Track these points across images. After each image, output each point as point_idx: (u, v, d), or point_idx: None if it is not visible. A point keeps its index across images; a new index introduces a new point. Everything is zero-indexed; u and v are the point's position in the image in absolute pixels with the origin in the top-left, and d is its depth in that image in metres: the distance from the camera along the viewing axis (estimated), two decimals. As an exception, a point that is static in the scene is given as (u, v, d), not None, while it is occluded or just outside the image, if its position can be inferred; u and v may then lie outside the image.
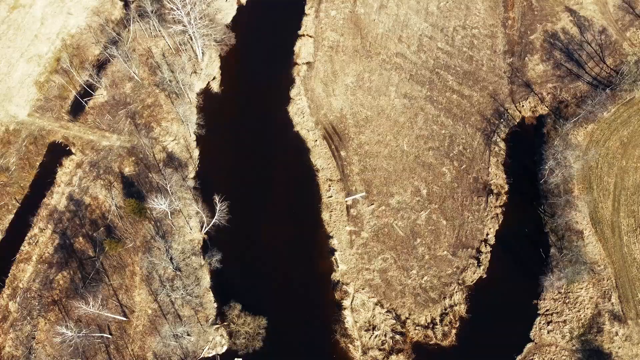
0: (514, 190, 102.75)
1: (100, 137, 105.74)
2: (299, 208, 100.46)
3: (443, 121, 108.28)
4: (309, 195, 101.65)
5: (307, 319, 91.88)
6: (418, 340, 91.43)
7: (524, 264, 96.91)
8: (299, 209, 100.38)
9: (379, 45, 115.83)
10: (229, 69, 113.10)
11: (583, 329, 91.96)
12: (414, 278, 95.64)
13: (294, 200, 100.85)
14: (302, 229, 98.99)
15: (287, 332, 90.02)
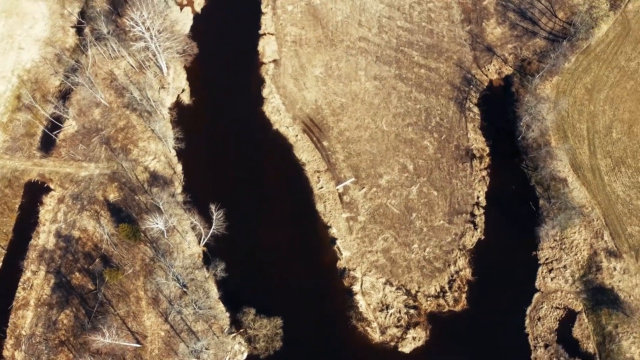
0: (495, 151, 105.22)
1: (78, 168, 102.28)
2: (293, 204, 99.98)
3: (416, 96, 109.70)
4: (300, 190, 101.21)
5: (321, 311, 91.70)
6: (432, 310, 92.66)
7: (518, 219, 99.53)
8: (292, 205, 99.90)
9: (341, 32, 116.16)
10: (196, 78, 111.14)
11: (583, 271, 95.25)
12: (417, 252, 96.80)
13: (287, 197, 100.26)
14: (299, 224, 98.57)
15: (304, 328, 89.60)
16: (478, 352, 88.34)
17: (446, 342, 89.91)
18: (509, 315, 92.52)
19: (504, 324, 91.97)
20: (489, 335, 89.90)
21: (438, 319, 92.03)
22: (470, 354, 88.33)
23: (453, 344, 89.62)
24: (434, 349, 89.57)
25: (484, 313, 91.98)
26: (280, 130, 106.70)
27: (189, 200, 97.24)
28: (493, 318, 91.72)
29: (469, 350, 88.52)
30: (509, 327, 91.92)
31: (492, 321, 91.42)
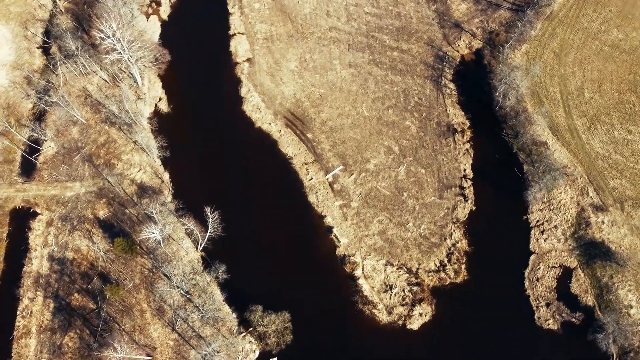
0: (475, 123, 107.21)
1: (63, 189, 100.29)
2: (285, 198, 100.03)
3: (392, 79, 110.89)
4: (290, 184, 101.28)
5: (327, 299, 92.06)
6: (434, 285, 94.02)
7: (505, 187, 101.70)
8: (285, 199, 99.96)
9: (310, 24, 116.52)
10: (172, 86, 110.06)
11: (573, 228, 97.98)
12: (412, 230, 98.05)
13: (278, 192, 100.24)
14: (294, 218, 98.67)
15: (312, 318, 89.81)
16: (484, 319, 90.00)
17: (452, 313, 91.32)
18: (508, 280, 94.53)
19: (505, 289, 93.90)
20: (492, 302, 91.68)
21: (441, 293, 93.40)
22: (477, 321, 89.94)
23: (459, 315, 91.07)
24: (441, 322, 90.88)
25: (484, 281, 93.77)
26: (263, 127, 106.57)
27: (181, 206, 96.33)
28: (494, 284, 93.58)
29: (475, 319, 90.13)
30: (510, 291, 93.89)
31: (494, 287, 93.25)
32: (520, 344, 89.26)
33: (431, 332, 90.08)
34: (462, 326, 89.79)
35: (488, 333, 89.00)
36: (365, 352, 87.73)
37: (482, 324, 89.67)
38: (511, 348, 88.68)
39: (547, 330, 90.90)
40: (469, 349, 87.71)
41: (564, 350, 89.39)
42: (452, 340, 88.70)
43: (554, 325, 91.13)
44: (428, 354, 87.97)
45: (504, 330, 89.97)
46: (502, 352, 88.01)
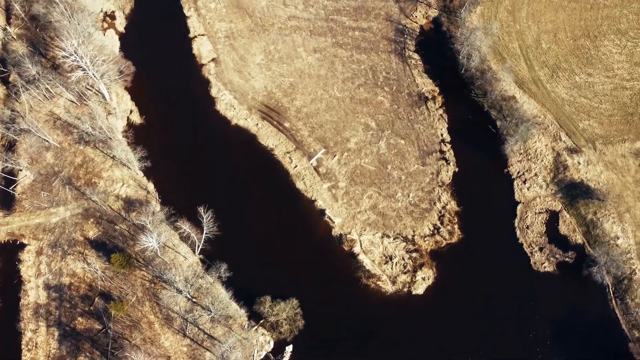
0: (444, 89, 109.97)
1: (47, 216, 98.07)
2: (274, 190, 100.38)
3: (358, 58, 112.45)
4: (276, 175, 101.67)
5: (331, 280, 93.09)
6: (432, 248, 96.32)
7: (483, 144, 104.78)
8: (273, 190, 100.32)
9: (269, 16, 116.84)
10: (141, 96, 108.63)
11: (553, 173, 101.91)
12: (402, 200, 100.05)
13: (266, 184, 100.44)
14: (286, 207, 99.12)
15: (320, 301, 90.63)
16: (484, 272, 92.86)
17: (453, 272, 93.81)
18: (500, 232, 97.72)
19: (498, 241, 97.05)
20: (489, 255, 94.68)
21: (440, 255, 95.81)
22: (478, 276, 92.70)
23: (460, 272, 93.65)
24: (444, 282, 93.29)
25: (478, 236, 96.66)
26: (240, 123, 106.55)
27: (172, 213, 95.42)
28: (487, 238, 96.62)
29: (476, 274, 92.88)
30: (504, 242, 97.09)
31: (488, 241, 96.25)
32: (521, 290, 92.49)
33: (437, 294, 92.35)
34: (465, 283, 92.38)
35: (490, 285, 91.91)
36: (378, 324, 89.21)
37: (483, 277, 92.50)
38: (514, 295, 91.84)
39: (545, 273, 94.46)
40: (475, 304, 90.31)
41: (563, 289, 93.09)
42: (458, 298, 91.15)
43: (550, 268, 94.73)
44: (437, 315, 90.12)
45: (505, 280, 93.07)
46: (506, 301, 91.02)
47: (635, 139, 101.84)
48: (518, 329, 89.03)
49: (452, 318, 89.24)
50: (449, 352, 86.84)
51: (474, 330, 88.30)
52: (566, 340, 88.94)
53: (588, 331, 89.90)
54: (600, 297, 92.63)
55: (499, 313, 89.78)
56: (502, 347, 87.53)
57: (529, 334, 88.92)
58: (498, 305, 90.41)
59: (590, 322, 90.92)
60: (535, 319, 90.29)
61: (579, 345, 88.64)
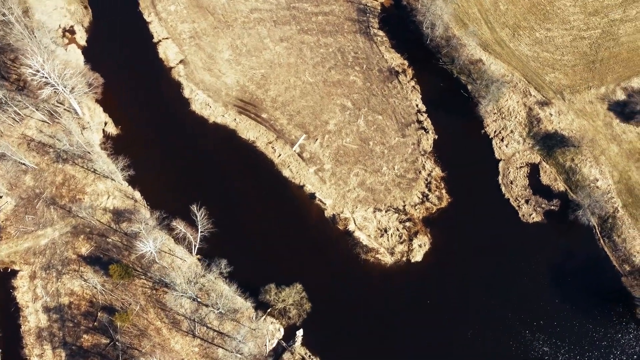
0: (413, 61, 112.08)
1: (35, 239, 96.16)
2: (261, 181, 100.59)
3: (324, 42, 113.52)
4: (262, 166, 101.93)
5: (331, 260, 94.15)
6: (424, 215, 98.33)
7: (457, 109, 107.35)
8: (261, 182, 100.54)
9: (231, 12, 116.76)
10: (113, 107, 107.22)
11: (527, 128, 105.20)
12: (388, 173, 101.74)
13: (253, 177, 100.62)
14: (276, 196, 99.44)
15: (323, 282, 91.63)
16: (476, 231, 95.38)
17: (448, 235, 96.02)
18: (486, 191, 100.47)
19: (485, 199, 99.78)
20: (478, 214, 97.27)
21: (432, 220, 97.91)
22: (471, 235, 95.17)
23: (454, 235, 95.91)
24: (440, 246, 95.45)
25: (466, 198, 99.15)
26: (218, 120, 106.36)
27: (163, 217, 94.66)
28: (475, 198, 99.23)
29: (469, 234, 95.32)
30: (491, 199, 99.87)
31: (476, 201, 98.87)
32: (514, 242, 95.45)
33: (435, 259, 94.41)
34: (459, 243, 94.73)
35: (484, 242, 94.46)
36: (382, 296, 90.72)
37: (476, 236, 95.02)
38: (508, 249, 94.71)
39: (534, 223, 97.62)
40: (472, 262, 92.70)
41: (553, 236, 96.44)
42: (456, 259, 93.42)
43: (538, 218, 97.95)
44: (438, 278, 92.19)
45: (497, 235, 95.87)
46: (501, 255, 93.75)
47: (600, 84, 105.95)
48: (516, 280, 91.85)
49: (453, 279, 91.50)
50: (454, 311, 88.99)
51: (475, 287, 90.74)
52: (563, 283, 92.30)
53: (582, 272, 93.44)
54: (589, 238, 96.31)
55: (496, 268, 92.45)
56: (503, 300, 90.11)
57: (527, 284, 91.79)
58: (494, 260, 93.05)
59: (583, 263, 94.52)
60: (532, 268, 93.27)
61: (576, 287, 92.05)
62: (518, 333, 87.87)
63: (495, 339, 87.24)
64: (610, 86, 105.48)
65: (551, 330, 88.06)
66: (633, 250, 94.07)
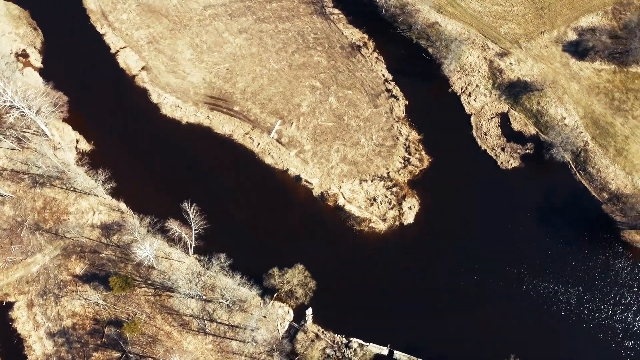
0: (372, 33, 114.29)
1: (25, 267, 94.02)
2: (245, 172, 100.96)
3: (283, 27, 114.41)
4: (243, 157, 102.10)
5: (327, 237, 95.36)
6: (408, 179, 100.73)
7: (423, 73, 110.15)
8: (245, 173, 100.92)
9: (184, 12, 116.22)
10: (82, 123, 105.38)
11: (491, 80, 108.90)
12: (367, 144, 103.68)
13: (236, 169, 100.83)
14: (262, 184, 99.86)
15: (323, 258, 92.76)
16: (461, 185, 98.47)
17: (434, 194, 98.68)
18: (463, 145, 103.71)
19: (464, 154, 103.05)
20: (460, 169, 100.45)
21: (417, 182, 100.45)
22: (456, 190, 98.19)
23: (440, 192, 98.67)
24: (429, 205, 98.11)
25: (446, 155, 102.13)
26: (190, 120, 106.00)
27: (154, 222, 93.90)
28: (454, 154, 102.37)
29: (454, 189, 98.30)
30: (469, 153, 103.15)
31: (455, 157, 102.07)
32: (498, 190, 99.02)
33: (426, 218, 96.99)
34: (447, 199, 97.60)
35: (469, 194, 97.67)
36: (382, 261, 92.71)
37: (461, 189, 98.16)
38: (493, 197, 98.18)
39: (513, 169, 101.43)
40: (461, 215, 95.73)
41: (532, 177, 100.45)
42: (446, 215, 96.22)
43: (516, 163, 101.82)
44: (432, 235, 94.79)
45: (481, 186, 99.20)
46: (487, 204, 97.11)
47: (551, 28, 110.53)
48: (505, 224, 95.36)
49: (446, 234, 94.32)
50: (454, 263, 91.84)
51: (468, 237, 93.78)
52: (549, 220, 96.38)
53: (565, 207, 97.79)
54: (566, 174, 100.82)
55: (484, 216, 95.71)
56: (498, 245, 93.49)
57: (516, 226, 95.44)
58: (482, 210, 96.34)
59: (564, 198, 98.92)
60: (517, 211, 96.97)
61: (562, 222, 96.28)
62: (518, 274, 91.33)
63: (496, 281, 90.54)
64: (562, 29, 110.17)
65: (547, 266, 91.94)
66: (608, 178, 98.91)
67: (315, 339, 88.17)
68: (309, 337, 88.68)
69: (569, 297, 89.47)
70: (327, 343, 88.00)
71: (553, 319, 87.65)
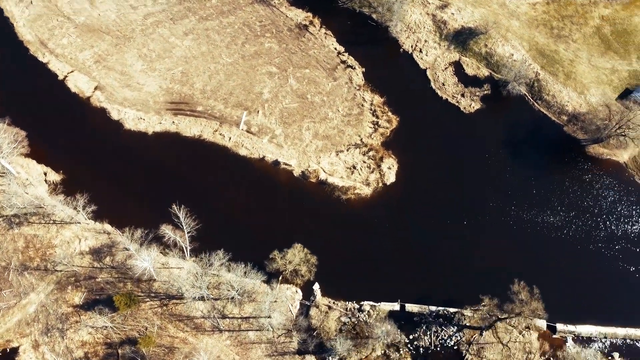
0: (315, 11, 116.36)
1: (22, 309, 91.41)
2: (223, 168, 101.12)
3: (227, 22, 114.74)
4: (217, 155, 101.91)
5: (318, 213, 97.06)
6: (382, 141, 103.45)
7: (372, 39, 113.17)
8: (223, 170, 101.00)
9: (125, 24, 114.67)
10: (47, 155, 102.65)
11: (438, 33, 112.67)
12: (335, 117, 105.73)
13: (213, 168, 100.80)
14: (242, 177, 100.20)
15: (318, 234, 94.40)
16: (431, 137, 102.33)
17: (409, 150, 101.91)
18: (426, 99, 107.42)
19: (428, 106, 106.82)
20: (427, 122, 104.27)
21: (390, 142, 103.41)
22: (429, 142, 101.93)
23: (414, 147, 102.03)
24: (406, 161, 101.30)
25: (411, 112, 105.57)
26: (157, 130, 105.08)
27: (143, 235, 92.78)
28: (419, 109, 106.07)
29: (426, 141, 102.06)
30: (433, 105, 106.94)
31: (421, 111, 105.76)
32: (467, 134, 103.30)
33: (406, 174, 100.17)
34: (421, 152, 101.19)
35: (442, 143, 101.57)
36: (375, 224, 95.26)
37: (433, 140, 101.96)
38: (465, 141, 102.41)
39: (476, 111, 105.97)
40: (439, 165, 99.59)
41: (496, 115, 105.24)
42: (424, 167, 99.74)
43: (477, 105, 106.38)
44: (417, 187, 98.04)
45: (450, 134, 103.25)
46: (461, 149, 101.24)
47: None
48: (480, 163, 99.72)
49: (428, 184, 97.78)
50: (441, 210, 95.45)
51: (450, 184, 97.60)
52: (520, 151, 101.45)
53: (531, 136, 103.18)
54: (525, 105, 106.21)
55: (459, 161, 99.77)
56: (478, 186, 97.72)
57: (493, 162, 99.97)
58: (456, 155, 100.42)
59: (529, 128, 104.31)
60: (490, 149, 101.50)
61: (530, 150, 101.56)
62: (503, 207, 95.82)
63: (484, 219, 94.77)
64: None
65: (527, 194, 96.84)
66: (563, 102, 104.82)
67: (328, 311, 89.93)
68: (322, 310, 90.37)
69: (555, 219, 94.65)
70: (341, 312, 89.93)
71: (545, 241, 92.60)
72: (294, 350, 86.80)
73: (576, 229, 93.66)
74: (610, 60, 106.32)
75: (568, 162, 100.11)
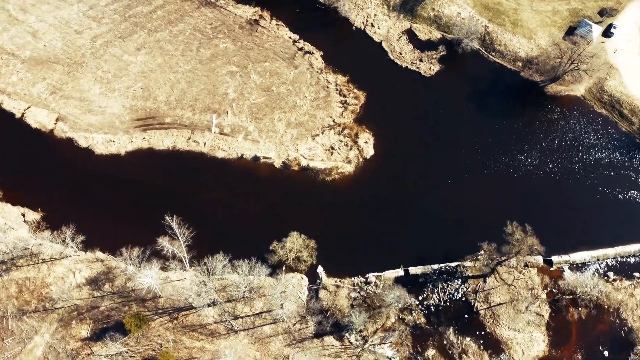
0: (262, 4, 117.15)
1: (29, 354, 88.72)
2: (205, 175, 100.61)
3: (177, 30, 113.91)
4: (196, 162, 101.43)
5: (307, 199, 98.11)
6: (354, 118, 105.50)
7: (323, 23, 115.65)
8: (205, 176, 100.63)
9: (73, 50, 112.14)
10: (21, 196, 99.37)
11: (385, 5, 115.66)
12: (303, 103, 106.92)
13: (196, 175, 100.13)
14: (226, 178, 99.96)
15: (311, 219, 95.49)
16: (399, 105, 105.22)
17: (381, 122, 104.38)
18: (387, 69, 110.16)
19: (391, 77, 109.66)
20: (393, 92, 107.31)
21: (362, 118, 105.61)
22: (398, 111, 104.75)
23: (385, 118, 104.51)
24: (381, 133, 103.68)
25: (376, 85, 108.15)
26: (129, 149, 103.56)
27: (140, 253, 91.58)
28: (382, 80, 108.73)
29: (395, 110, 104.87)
30: (394, 75, 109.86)
31: (384, 82, 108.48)
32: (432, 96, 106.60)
33: (383, 144, 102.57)
34: (393, 121, 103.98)
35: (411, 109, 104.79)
36: (364, 198, 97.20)
37: (402, 108, 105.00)
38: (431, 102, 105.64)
39: (436, 73, 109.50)
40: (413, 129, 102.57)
41: (456, 73, 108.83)
42: (399, 133, 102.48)
43: (437, 67, 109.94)
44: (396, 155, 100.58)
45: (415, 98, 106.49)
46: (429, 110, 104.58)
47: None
48: (451, 121, 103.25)
49: (407, 149, 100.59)
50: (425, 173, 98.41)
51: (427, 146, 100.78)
52: (485, 104, 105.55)
53: (492, 87, 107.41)
54: (480, 59, 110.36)
55: (431, 123, 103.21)
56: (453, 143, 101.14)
57: (462, 118, 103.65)
58: (426, 118, 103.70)
59: (488, 79, 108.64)
60: (455, 106, 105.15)
61: (495, 100, 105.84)
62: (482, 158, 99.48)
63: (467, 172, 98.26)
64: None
65: (501, 141, 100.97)
66: (515, 49, 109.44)
67: (336, 290, 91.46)
68: (330, 290, 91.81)
69: (531, 159, 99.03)
70: (349, 288, 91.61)
71: (527, 181, 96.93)
72: (312, 335, 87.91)
73: (553, 165, 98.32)
74: (550, 3, 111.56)
75: (531, 105, 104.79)
